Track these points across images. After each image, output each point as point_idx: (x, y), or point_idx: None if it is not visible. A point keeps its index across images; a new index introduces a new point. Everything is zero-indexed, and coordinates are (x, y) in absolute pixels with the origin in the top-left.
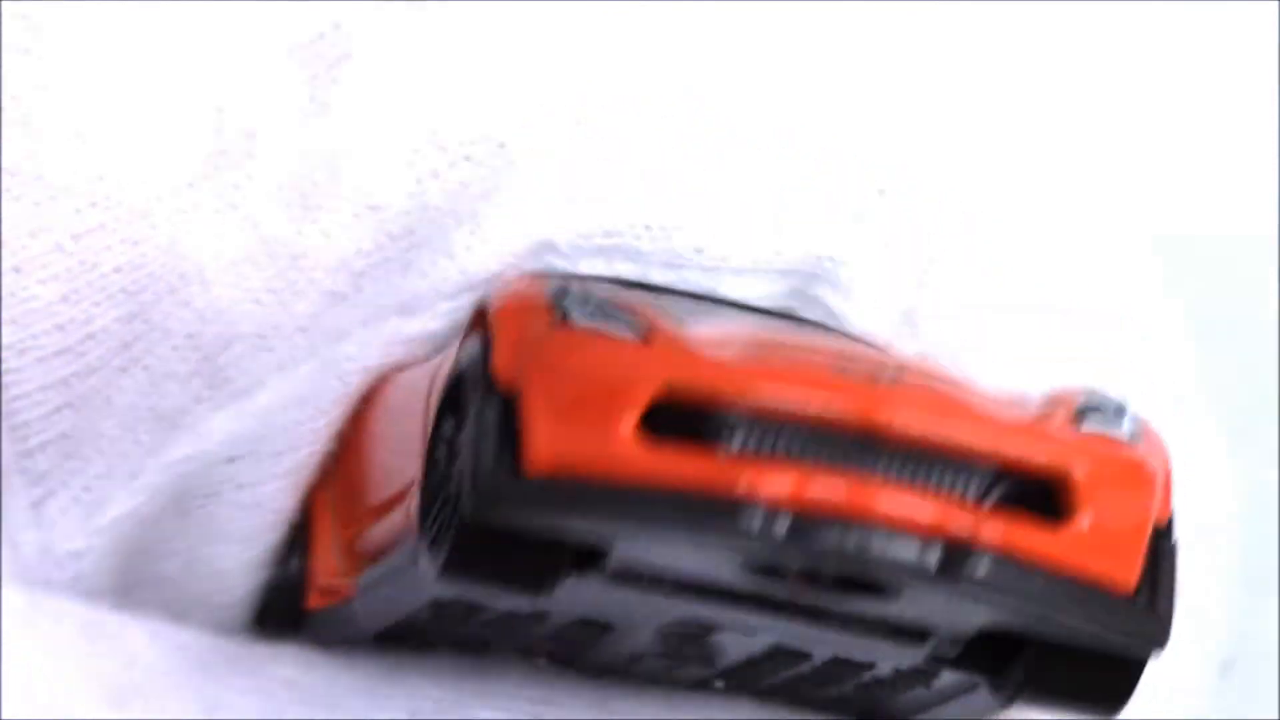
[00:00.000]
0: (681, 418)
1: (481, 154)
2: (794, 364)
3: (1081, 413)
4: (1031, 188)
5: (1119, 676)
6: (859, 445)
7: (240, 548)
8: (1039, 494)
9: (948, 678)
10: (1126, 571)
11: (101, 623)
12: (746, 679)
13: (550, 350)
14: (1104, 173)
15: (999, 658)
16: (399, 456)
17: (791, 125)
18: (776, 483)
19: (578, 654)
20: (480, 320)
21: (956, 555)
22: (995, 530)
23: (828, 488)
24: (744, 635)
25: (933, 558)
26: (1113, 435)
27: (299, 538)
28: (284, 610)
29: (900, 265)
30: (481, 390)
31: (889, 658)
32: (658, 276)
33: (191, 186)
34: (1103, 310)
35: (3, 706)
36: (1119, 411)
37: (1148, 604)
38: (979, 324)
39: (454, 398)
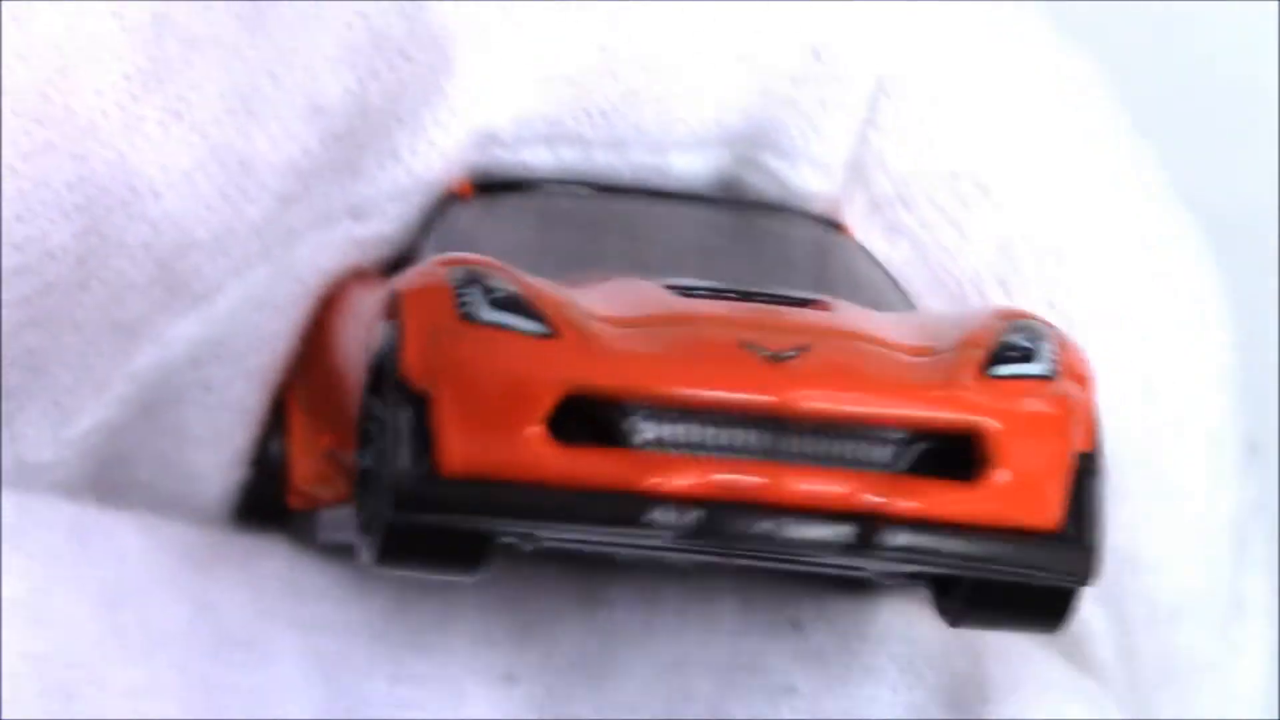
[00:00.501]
0: (591, 413)
1: (418, 53)
2: (697, 351)
3: (994, 355)
4: (964, 44)
5: (1055, 603)
6: (766, 430)
7: (212, 449)
8: (954, 451)
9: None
10: (1048, 512)
11: (90, 522)
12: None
13: (455, 350)
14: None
15: (940, 582)
16: (359, 381)
17: None
18: (683, 477)
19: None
20: (392, 307)
21: (871, 529)
22: (909, 499)
23: (735, 478)
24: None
25: (847, 534)
26: (1026, 376)
27: (277, 436)
28: (267, 508)
29: (840, 124)
30: (394, 389)
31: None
32: (601, 159)
33: (136, 100)
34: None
35: None
36: (1034, 344)
37: (1075, 537)
38: (926, 173)
39: (374, 382)
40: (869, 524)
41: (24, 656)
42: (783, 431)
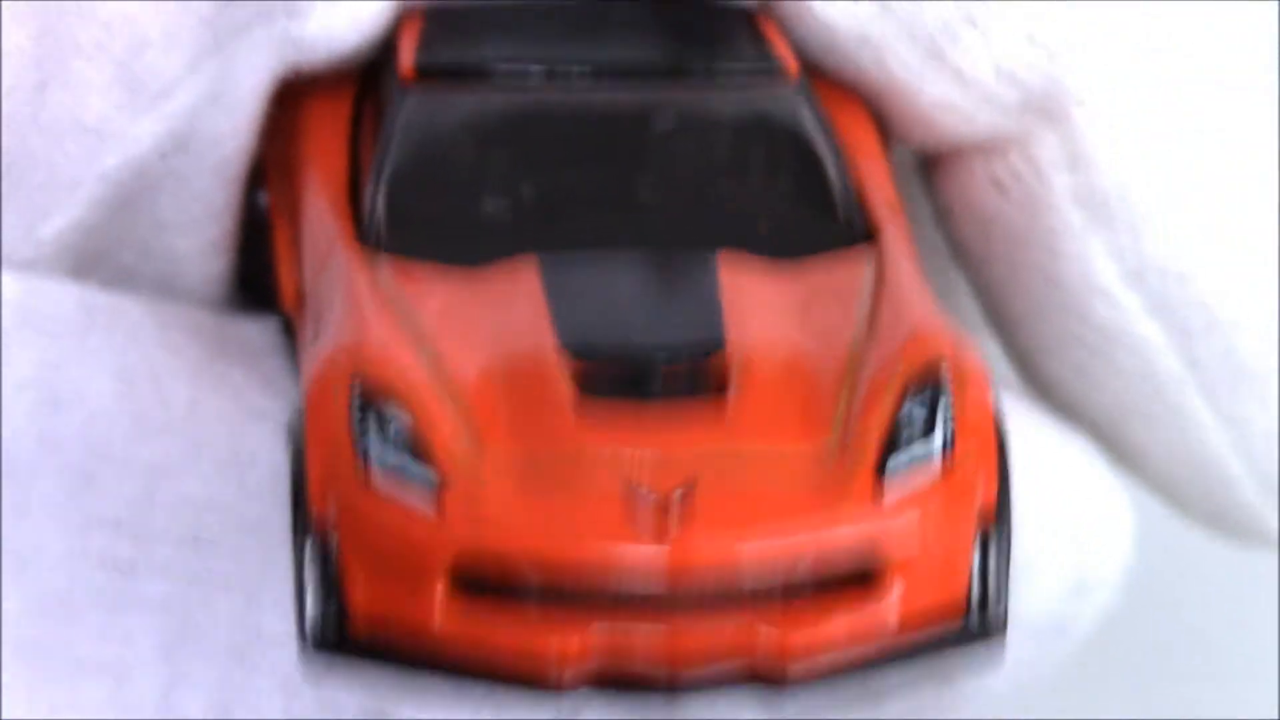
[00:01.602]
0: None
1: None
2: (582, 511)
3: (890, 440)
4: None
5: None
6: (657, 590)
7: (190, 236)
8: (851, 569)
9: None
10: (953, 590)
11: (99, 302)
12: None
13: (353, 500)
14: None
15: None
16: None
17: None
18: (575, 635)
19: None
20: (298, 410)
21: (770, 669)
22: (807, 631)
23: (626, 639)
24: None
25: (747, 676)
26: (923, 460)
27: (263, 237)
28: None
29: None
30: (303, 515)
31: None
32: None
33: None
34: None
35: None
36: (931, 412)
37: (980, 603)
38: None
39: (295, 474)
40: (769, 667)
41: (41, 440)
42: (674, 589)
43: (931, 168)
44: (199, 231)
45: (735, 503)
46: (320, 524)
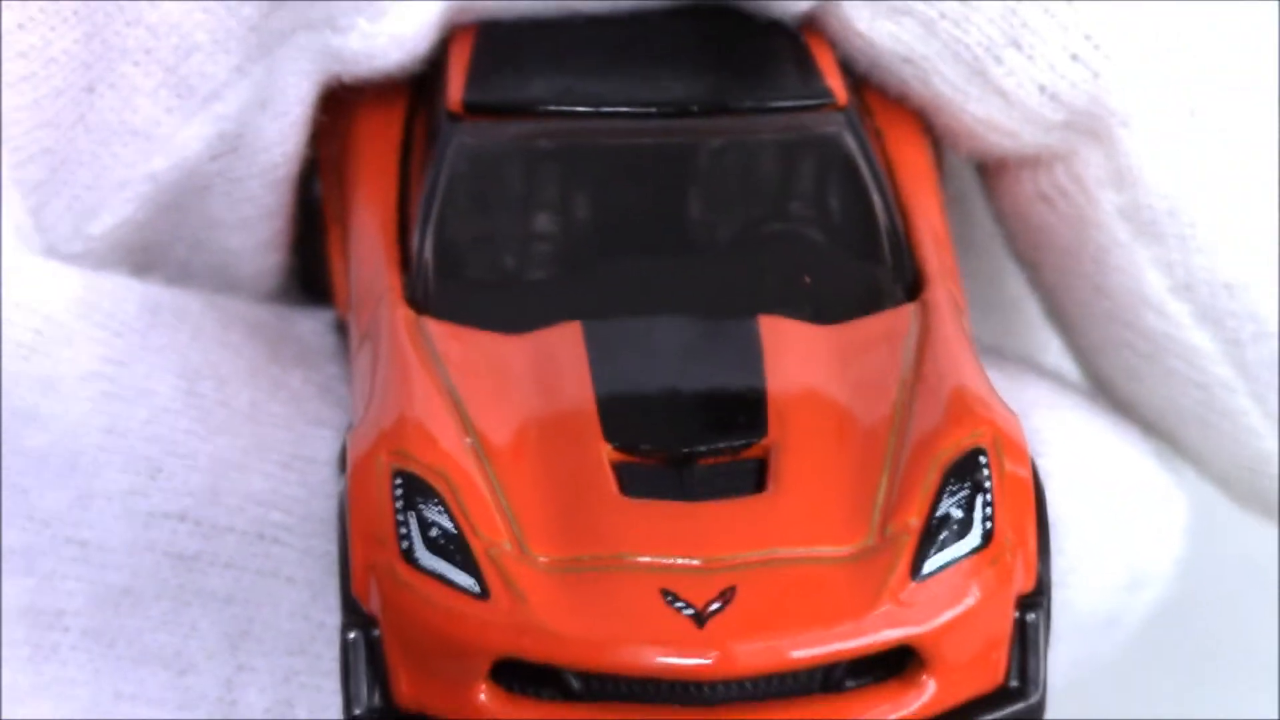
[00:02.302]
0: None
1: None
2: (621, 618)
3: (926, 541)
4: None
5: None
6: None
7: (242, 234)
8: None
9: None
10: (991, 678)
11: (161, 299)
12: None
13: (396, 597)
14: None
15: None
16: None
17: None
18: None
19: None
20: (341, 492)
21: None
22: None
23: None
24: None
25: None
26: (960, 559)
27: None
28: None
29: None
30: (348, 602)
31: None
32: None
33: None
34: None
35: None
36: (968, 507)
37: (1019, 688)
38: None
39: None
40: None
41: (108, 432)
42: (715, 683)
43: (985, 173)
44: (251, 230)
45: (772, 611)
46: (366, 611)
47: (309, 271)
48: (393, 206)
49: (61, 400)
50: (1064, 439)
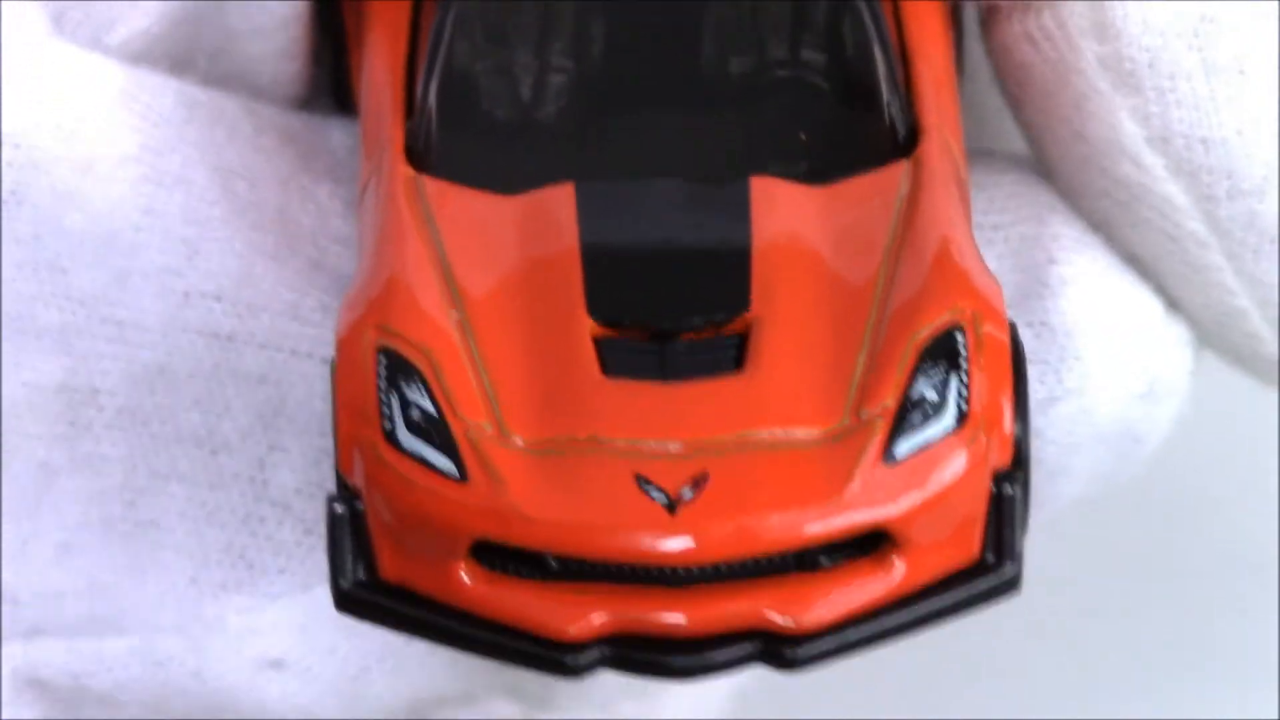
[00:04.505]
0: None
1: None
2: (595, 504)
3: (899, 423)
4: None
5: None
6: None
7: (259, 42)
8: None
9: None
10: (965, 553)
11: (198, 96)
12: None
13: (378, 474)
14: None
15: None
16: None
17: None
18: (593, 615)
19: None
20: (331, 366)
21: (785, 645)
22: (819, 605)
23: (644, 614)
24: None
25: (763, 653)
26: (933, 442)
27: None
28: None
29: None
30: (337, 477)
31: None
32: None
33: None
34: None
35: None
36: (942, 387)
37: (994, 562)
38: None
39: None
40: (782, 642)
41: (145, 212)
42: (686, 562)
43: (983, 15)
44: (268, 38)
45: (743, 496)
46: (351, 485)
47: (340, 84)
48: (403, 51)
49: (100, 181)
50: (1081, 246)
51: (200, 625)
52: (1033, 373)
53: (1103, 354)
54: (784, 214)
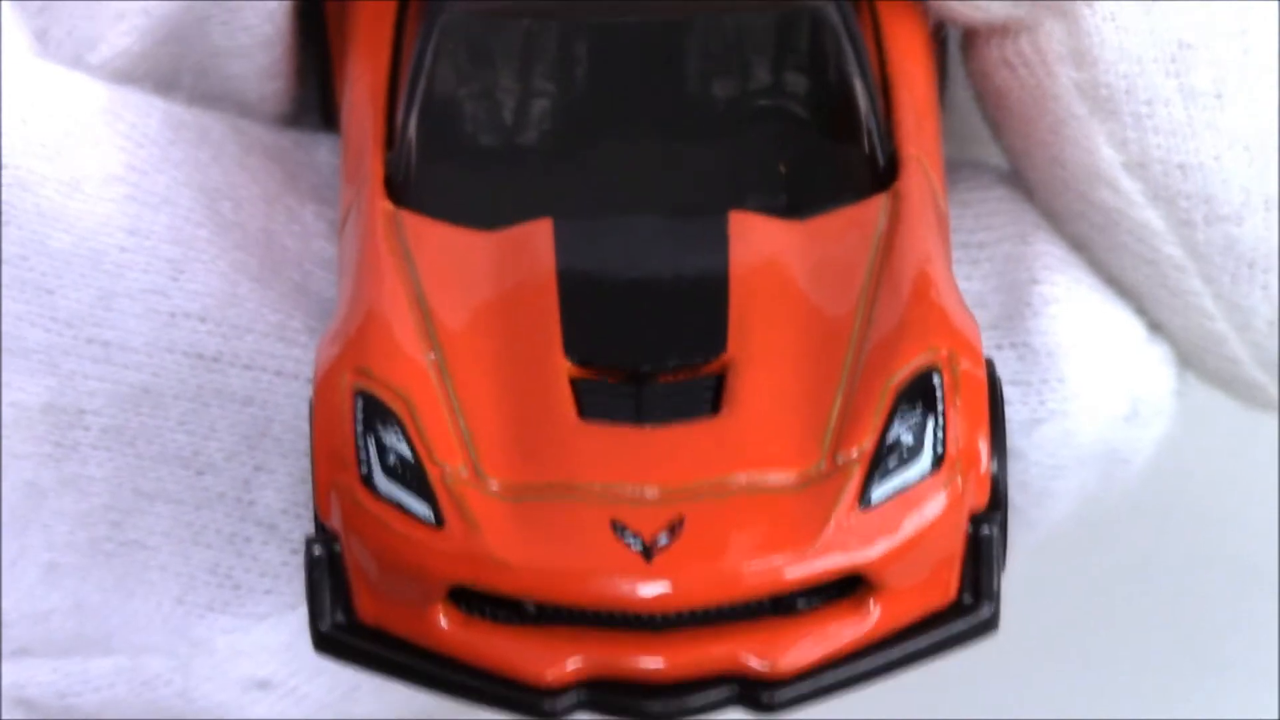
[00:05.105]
0: None
1: None
2: (572, 551)
3: (874, 468)
4: None
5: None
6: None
7: (243, 61)
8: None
9: None
10: (942, 596)
11: (184, 116)
12: None
13: (355, 519)
14: None
15: None
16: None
17: None
18: (569, 659)
19: None
20: (310, 409)
21: (761, 691)
22: (794, 653)
23: (620, 657)
24: None
25: (739, 698)
26: (909, 486)
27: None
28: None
29: None
30: (315, 520)
31: None
32: None
33: None
34: None
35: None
36: (918, 431)
37: (971, 604)
38: None
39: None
40: (759, 686)
41: (130, 233)
42: (662, 608)
43: (962, 40)
44: (251, 57)
45: (719, 542)
46: (329, 527)
47: (326, 102)
48: (384, 82)
49: (85, 200)
50: (1064, 266)
51: (187, 645)
52: (1016, 394)
53: (1086, 375)
54: (762, 249)
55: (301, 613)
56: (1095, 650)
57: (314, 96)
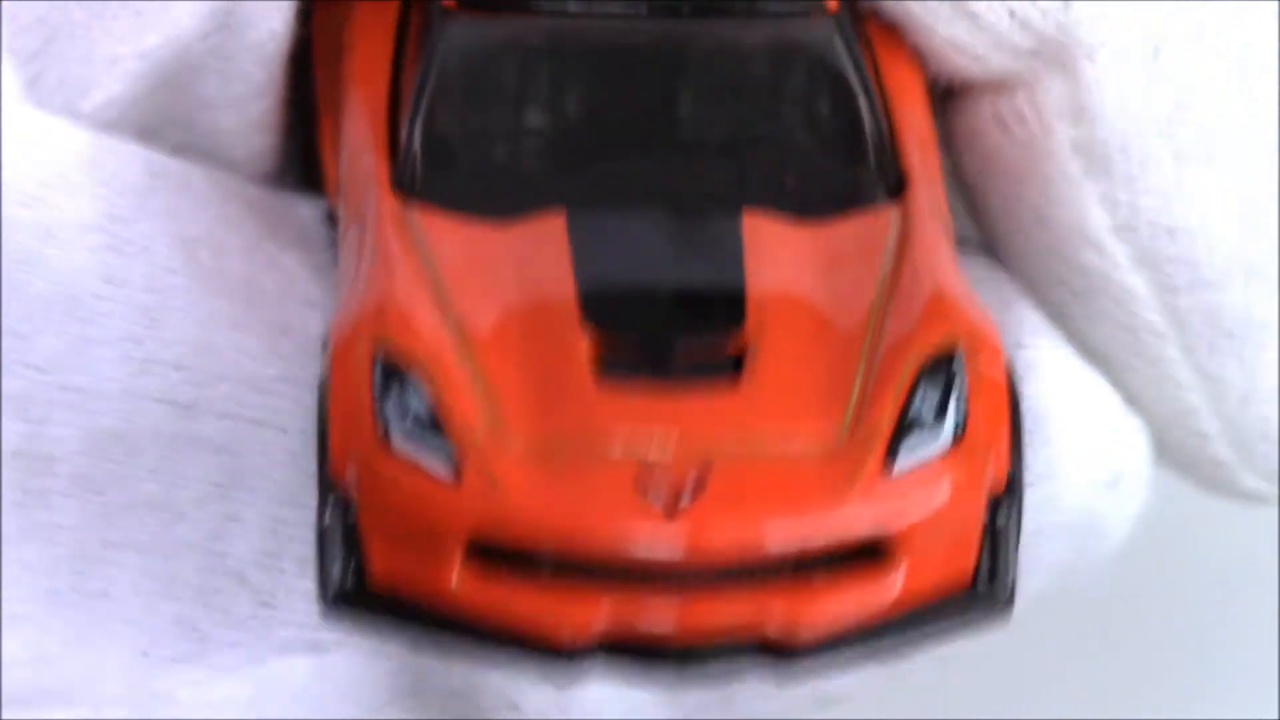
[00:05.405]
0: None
1: None
2: (593, 505)
3: (898, 437)
4: None
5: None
6: (668, 566)
7: (234, 113)
8: (860, 547)
9: None
10: (960, 574)
11: (165, 165)
12: None
13: (372, 478)
14: None
15: None
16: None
17: None
18: (588, 618)
19: None
20: (322, 377)
21: (780, 643)
22: (816, 606)
23: (637, 611)
24: None
25: (759, 659)
26: (931, 458)
27: (308, 119)
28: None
29: None
30: (325, 480)
31: None
32: None
33: None
34: None
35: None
36: (940, 406)
37: (988, 588)
38: None
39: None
40: (777, 638)
41: (106, 281)
42: (687, 554)
43: (945, 95)
44: (242, 109)
45: (748, 486)
46: (340, 488)
47: (309, 163)
48: (384, 98)
49: (62, 247)
50: (1047, 331)
51: (150, 698)
52: None
53: (1069, 440)
54: (775, 247)
55: (269, 666)
56: (1095, 650)
57: (296, 154)
